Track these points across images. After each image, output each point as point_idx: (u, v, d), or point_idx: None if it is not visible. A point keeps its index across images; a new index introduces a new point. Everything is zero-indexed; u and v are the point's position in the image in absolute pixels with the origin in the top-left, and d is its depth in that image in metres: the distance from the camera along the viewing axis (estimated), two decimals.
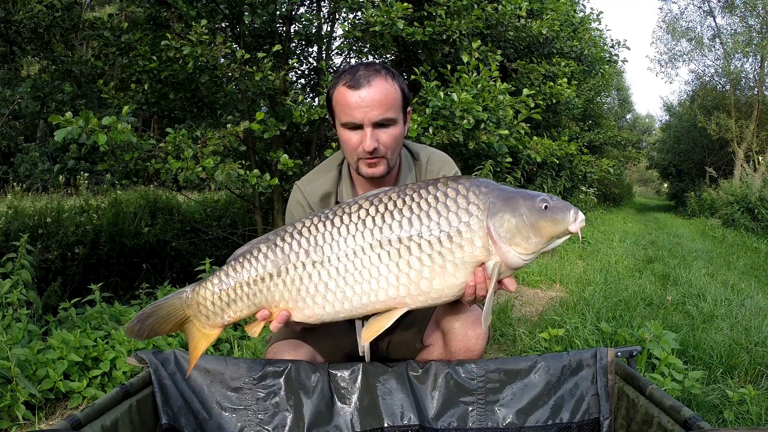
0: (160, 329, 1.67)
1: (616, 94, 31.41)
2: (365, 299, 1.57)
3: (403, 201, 1.56)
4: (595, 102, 16.39)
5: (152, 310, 1.66)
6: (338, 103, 1.83)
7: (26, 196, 9.46)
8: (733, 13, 22.24)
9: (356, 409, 1.78)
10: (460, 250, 1.53)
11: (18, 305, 3.31)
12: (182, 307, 1.67)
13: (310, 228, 1.60)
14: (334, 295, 1.57)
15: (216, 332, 1.69)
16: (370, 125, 1.79)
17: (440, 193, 1.56)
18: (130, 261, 6.34)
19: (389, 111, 1.80)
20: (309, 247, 1.58)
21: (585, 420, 1.77)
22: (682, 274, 6.05)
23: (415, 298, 1.57)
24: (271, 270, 1.60)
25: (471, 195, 1.55)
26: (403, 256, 1.53)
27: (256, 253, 1.62)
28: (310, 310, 1.60)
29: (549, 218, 1.52)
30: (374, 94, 1.77)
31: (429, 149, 2.10)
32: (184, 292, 1.68)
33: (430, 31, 4.88)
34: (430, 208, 1.54)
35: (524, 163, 7.24)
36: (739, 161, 20.39)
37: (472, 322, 1.86)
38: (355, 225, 1.56)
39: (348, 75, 1.81)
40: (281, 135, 4.91)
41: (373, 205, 1.58)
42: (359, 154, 1.83)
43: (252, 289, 1.61)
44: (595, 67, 9.52)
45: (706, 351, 3.30)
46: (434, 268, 1.53)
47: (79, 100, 5.19)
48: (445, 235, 1.52)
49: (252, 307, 1.63)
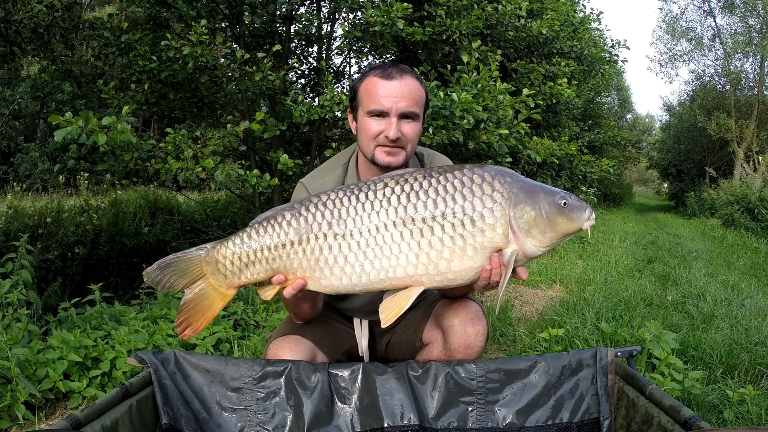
0: (176, 283, 1.68)
1: (616, 94, 31.38)
2: (383, 275, 1.58)
3: (429, 182, 1.59)
4: (595, 102, 16.39)
5: (172, 260, 1.68)
6: (367, 91, 1.88)
7: (26, 196, 9.45)
8: (733, 13, 22.24)
9: (356, 409, 1.78)
10: (481, 235, 1.55)
11: (18, 305, 3.31)
12: (201, 263, 1.69)
13: (335, 201, 1.62)
14: (352, 268, 1.59)
15: (231, 292, 1.71)
16: (397, 115, 1.85)
17: (466, 178, 1.59)
18: (130, 261, 6.33)
19: (415, 106, 1.87)
20: (332, 219, 1.60)
21: (585, 420, 1.77)
22: (682, 274, 6.05)
23: (432, 278, 1.58)
24: (293, 237, 1.62)
25: (496, 183, 1.58)
26: (425, 235, 1.56)
27: (280, 219, 1.64)
28: (327, 280, 1.62)
29: (566, 215, 1.57)
30: (405, 86, 1.85)
31: (432, 152, 2.16)
32: (204, 248, 1.70)
33: (430, 31, 4.88)
34: (455, 191, 1.57)
35: (524, 163, 7.24)
36: (739, 161, 20.39)
37: (471, 318, 1.88)
38: (380, 202, 1.59)
39: (380, 68, 1.89)
40: (281, 135, 4.91)
41: (398, 184, 1.60)
42: (379, 141, 1.87)
43: (272, 254, 1.64)
44: (595, 67, 9.52)
45: (706, 351, 3.30)
46: (454, 250, 1.56)
47: (79, 100, 5.18)
48: (468, 218, 1.55)
49: (269, 272, 1.65)
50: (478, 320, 1.89)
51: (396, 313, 1.59)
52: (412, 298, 1.59)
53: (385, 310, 1.61)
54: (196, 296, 1.70)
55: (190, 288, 1.70)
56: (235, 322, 3.78)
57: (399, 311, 1.59)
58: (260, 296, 1.72)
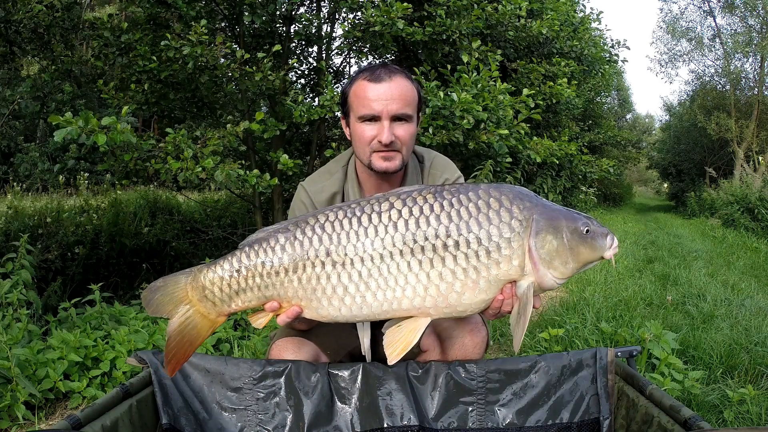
0: (163, 308, 1.57)
1: (616, 94, 31.40)
2: (386, 306, 1.46)
3: (440, 205, 1.45)
4: (595, 102, 16.40)
5: (161, 283, 1.58)
6: (357, 96, 1.83)
7: (26, 196, 9.46)
8: (733, 13, 22.26)
9: (356, 410, 1.78)
10: (497, 267, 1.43)
11: (18, 305, 3.31)
12: (186, 288, 1.56)
13: (333, 223, 1.48)
14: (352, 299, 1.47)
15: (221, 320, 1.60)
16: (389, 118, 1.78)
17: (482, 202, 1.45)
18: (130, 261, 6.33)
19: (407, 107, 1.81)
20: (331, 244, 1.46)
21: (585, 420, 1.77)
22: (682, 274, 6.05)
23: (440, 310, 1.47)
24: (287, 264, 1.49)
25: (515, 208, 1.45)
26: (435, 266, 1.43)
27: (273, 243, 1.51)
28: (324, 310, 1.51)
29: (588, 244, 1.46)
30: (395, 88, 1.78)
31: (433, 153, 2.11)
32: (191, 272, 1.58)
33: (430, 31, 4.88)
34: (470, 217, 1.43)
35: (524, 163, 7.23)
36: (739, 161, 20.38)
37: (471, 330, 1.85)
38: (385, 226, 1.45)
39: (368, 71, 1.83)
40: (281, 135, 4.91)
41: (406, 206, 1.46)
42: (374, 146, 1.81)
43: (264, 281, 1.51)
44: (595, 67, 9.51)
45: (706, 351, 3.30)
46: (467, 283, 1.43)
47: (79, 100, 5.18)
48: (483, 249, 1.42)
49: (262, 299, 1.54)
50: (478, 331, 1.86)
51: (403, 349, 1.47)
52: (419, 331, 1.47)
53: (390, 344, 1.48)
54: (182, 325, 1.57)
55: (176, 316, 1.57)
56: (235, 322, 3.78)
57: (406, 347, 1.47)
58: (252, 324, 1.60)
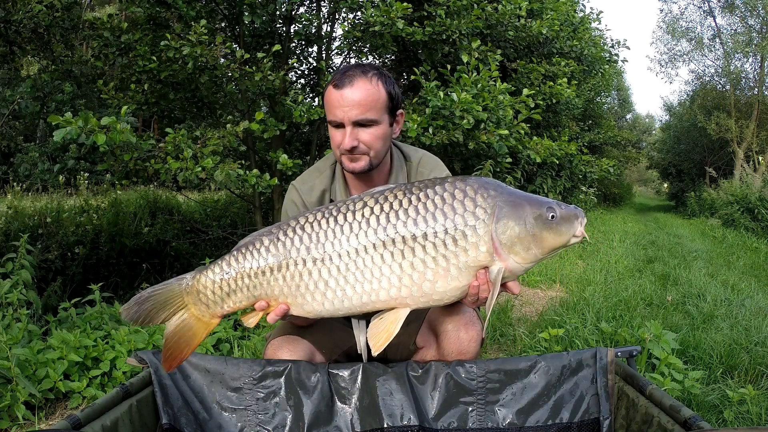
0: (157, 316, 1.64)
1: (616, 94, 31.40)
2: (365, 298, 1.56)
3: (409, 200, 1.54)
4: (595, 102, 16.42)
5: (150, 294, 1.63)
6: (326, 101, 1.87)
7: (26, 196, 9.44)
8: (733, 13, 22.25)
9: (356, 410, 1.78)
10: (465, 254, 1.50)
11: (18, 305, 3.31)
12: (181, 294, 1.66)
13: (312, 224, 1.59)
14: (334, 293, 1.57)
15: (215, 321, 1.69)
16: (350, 124, 1.81)
17: (447, 194, 1.53)
18: (130, 261, 6.33)
19: (369, 111, 1.80)
20: (311, 243, 1.57)
21: (585, 420, 1.77)
22: (682, 274, 6.05)
23: (416, 299, 1.55)
24: (272, 264, 1.60)
25: (479, 198, 1.52)
26: (406, 257, 1.52)
27: (259, 245, 1.62)
28: (309, 305, 1.60)
29: (553, 230, 1.49)
30: (354, 94, 1.79)
31: (421, 151, 2.11)
32: (184, 279, 1.67)
33: (429, 31, 4.88)
34: (436, 209, 1.51)
35: (524, 163, 7.24)
36: (739, 161, 20.38)
37: (465, 324, 1.85)
38: (359, 223, 1.55)
39: (338, 74, 1.85)
40: (281, 135, 4.91)
41: (378, 203, 1.56)
42: (341, 150, 1.86)
43: (252, 281, 1.62)
44: (595, 67, 9.52)
45: (706, 351, 3.30)
46: (438, 271, 1.51)
47: (78, 100, 5.19)
48: (450, 237, 1.50)
49: (251, 299, 1.64)
50: (472, 325, 1.86)
51: (386, 339, 1.55)
52: (399, 321, 1.56)
53: (373, 336, 1.57)
54: (179, 328, 1.66)
55: (173, 320, 1.66)
56: (235, 322, 3.78)
57: (388, 337, 1.55)
58: (243, 323, 1.69)
